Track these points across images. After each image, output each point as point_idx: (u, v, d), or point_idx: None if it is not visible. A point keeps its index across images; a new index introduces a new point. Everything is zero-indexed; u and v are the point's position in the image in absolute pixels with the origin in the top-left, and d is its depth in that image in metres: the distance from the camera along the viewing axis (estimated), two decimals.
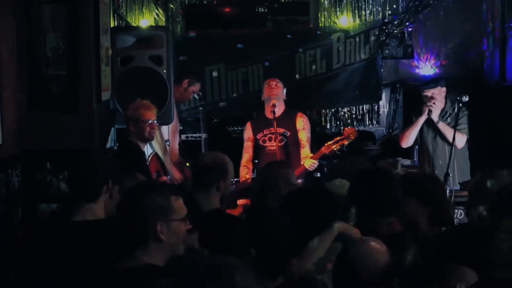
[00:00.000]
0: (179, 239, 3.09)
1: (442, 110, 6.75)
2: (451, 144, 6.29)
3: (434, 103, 6.59)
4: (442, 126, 6.62)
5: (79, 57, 5.17)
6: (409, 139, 6.75)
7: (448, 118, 6.68)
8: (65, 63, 5.15)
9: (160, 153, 6.54)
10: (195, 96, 7.65)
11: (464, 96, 6.44)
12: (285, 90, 7.11)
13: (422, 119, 6.66)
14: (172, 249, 3.07)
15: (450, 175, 6.10)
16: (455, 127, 6.31)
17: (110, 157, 5.23)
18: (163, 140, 6.61)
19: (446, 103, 6.75)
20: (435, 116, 6.62)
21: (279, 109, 6.99)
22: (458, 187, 6.24)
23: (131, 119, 5.72)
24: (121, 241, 3.18)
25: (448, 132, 6.55)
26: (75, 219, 3.69)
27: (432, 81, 6.90)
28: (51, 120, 5.16)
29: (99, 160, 3.93)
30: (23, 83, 5.12)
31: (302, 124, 7.03)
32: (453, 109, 6.65)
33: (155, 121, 5.77)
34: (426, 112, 6.62)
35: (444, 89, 6.70)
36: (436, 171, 6.60)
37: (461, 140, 6.55)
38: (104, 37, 5.50)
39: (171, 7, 9.27)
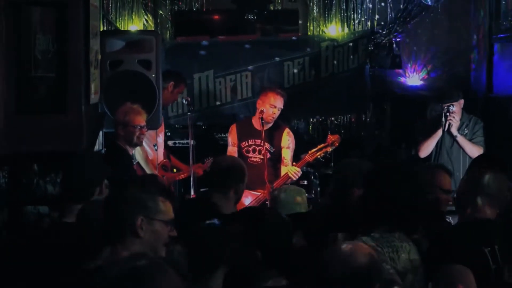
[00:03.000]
0: (160, 241, 3.05)
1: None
2: (467, 155, 6.54)
3: (454, 117, 6.61)
4: (460, 139, 6.65)
5: (68, 60, 5.16)
6: (427, 149, 6.74)
7: (466, 129, 6.71)
8: (54, 65, 5.14)
9: (142, 163, 6.51)
10: (184, 101, 7.64)
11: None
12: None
13: (441, 131, 6.65)
14: (150, 249, 3.02)
15: None
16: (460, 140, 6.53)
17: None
18: (144, 150, 6.57)
19: (462, 114, 6.76)
20: (454, 130, 6.64)
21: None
22: None
23: (120, 123, 5.69)
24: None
25: (466, 146, 6.64)
26: (67, 220, 3.66)
27: (453, 94, 6.84)
28: (39, 122, 5.14)
29: (92, 161, 3.91)
30: (11, 84, 5.10)
31: (287, 143, 6.66)
32: (470, 120, 6.74)
33: (144, 127, 5.76)
34: (447, 125, 6.63)
35: (462, 101, 6.72)
36: None
37: (477, 154, 6.59)
38: (94, 40, 5.49)
39: (160, 13, 9.30)
